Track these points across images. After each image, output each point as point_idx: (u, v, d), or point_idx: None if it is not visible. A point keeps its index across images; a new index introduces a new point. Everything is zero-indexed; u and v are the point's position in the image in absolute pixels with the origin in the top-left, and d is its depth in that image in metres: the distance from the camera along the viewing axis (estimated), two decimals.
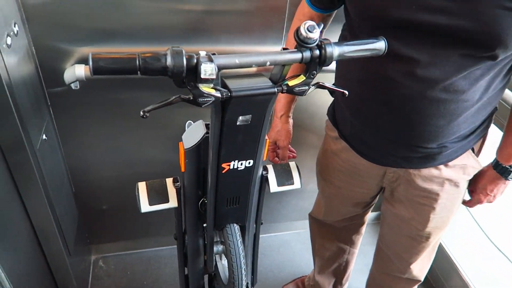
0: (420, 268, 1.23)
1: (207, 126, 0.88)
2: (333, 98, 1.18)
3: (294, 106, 1.18)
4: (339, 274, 1.55)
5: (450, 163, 1.00)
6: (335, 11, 1.04)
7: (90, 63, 0.55)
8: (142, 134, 1.44)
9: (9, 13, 1.00)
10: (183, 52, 0.59)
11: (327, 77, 1.20)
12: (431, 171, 1.01)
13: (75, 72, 1.18)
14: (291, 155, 1.24)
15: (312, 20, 1.01)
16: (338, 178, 1.19)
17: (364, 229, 1.44)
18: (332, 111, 1.16)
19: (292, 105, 1.16)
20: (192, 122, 0.98)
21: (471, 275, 1.63)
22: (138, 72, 0.57)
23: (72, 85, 1.22)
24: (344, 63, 1.02)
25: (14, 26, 1.03)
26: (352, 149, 1.09)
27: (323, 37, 1.08)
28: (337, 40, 0.92)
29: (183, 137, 0.92)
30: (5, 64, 0.94)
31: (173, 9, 1.20)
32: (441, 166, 1.01)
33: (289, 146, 1.22)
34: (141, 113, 0.62)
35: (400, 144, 0.97)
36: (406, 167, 1.03)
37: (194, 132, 0.89)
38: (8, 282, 0.99)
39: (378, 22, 0.84)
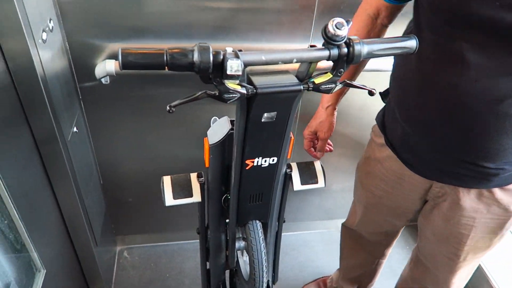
0: (458, 285, 1.17)
1: (232, 122, 0.89)
2: (384, 104, 1.12)
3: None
4: (364, 281, 1.51)
5: (505, 187, 0.92)
6: (406, 4, 0.96)
7: (120, 57, 0.56)
8: (168, 130, 1.46)
9: (45, 10, 1.04)
10: (210, 48, 0.60)
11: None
12: (482, 192, 0.94)
13: (106, 67, 1.23)
14: (327, 149, 1.19)
15: (379, 11, 0.97)
16: (379, 187, 1.13)
17: (395, 241, 1.38)
18: (382, 117, 1.09)
19: (340, 98, 1.12)
20: (217, 118, 0.99)
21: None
22: (166, 67, 0.58)
23: (103, 80, 1.27)
24: (401, 63, 0.96)
25: (50, 22, 1.06)
26: (398, 158, 1.02)
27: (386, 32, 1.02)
28: None
29: (208, 133, 0.93)
30: (40, 59, 0.97)
31: (203, 7, 1.22)
32: (495, 189, 0.92)
33: None
34: (168, 107, 0.63)
35: (455, 159, 0.89)
36: (456, 185, 0.95)
37: (219, 128, 0.90)
38: (42, 266, 1.04)
39: (452, 17, 0.75)
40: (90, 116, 1.36)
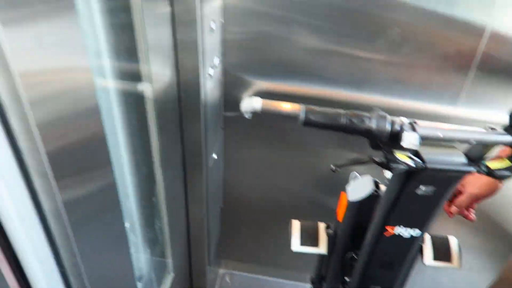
0: None
1: (375, 182, 0.87)
2: None
3: None
4: None
5: None
6: None
7: (303, 115, 0.60)
8: (299, 167, 1.49)
9: (214, 49, 1.17)
10: (388, 117, 0.60)
11: None
12: None
13: (252, 104, 1.31)
14: (468, 215, 1.02)
15: None
16: None
17: None
18: None
19: None
20: (357, 174, 0.99)
21: None
22: (342, 130, 0.60)
23: (246, 115, 1.37)
24: None
25: (216, 60, 1.19)
26: None
27: None
28: None
29: (347, 188, 0.93)
30: (205, 90, 1.09)
31: (351, 55, 1.24)
32: None
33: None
34: (332, 167, 0.65)
35: None
36: None
37: (360, 186, 0.89)
38: (173, 270, 1.14)
39: None
40: (227, 143, 1.47)
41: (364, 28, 1.20)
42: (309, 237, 0.98)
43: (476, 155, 0.67)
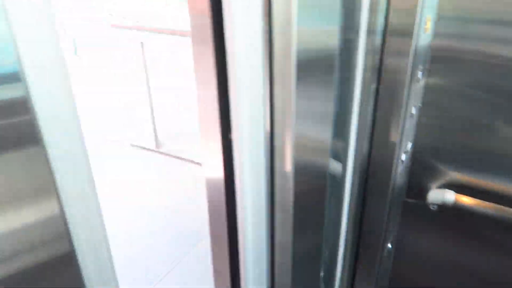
0: None
1: None
2: None
3: None
4: None
5: None
6: None
7: None
8: (497, 278, 1.24)
9: (409, 134, 1.11)
10: None
11: None
12: None
13: (444, 197, 1.18)
14: None
15: None
16: None
17: None
18: None
19: None
20: None
21: None
22: None
23: (432, 205, 1.23)
24: None
25: (409, 144, 1.12)
26: None
27: None
28: None
29: None
30: (395, 175, 1.03)
31: None
32: None
33: None
34: None
35: None
36: None
37: None
38: None
39: None
40: (402, 232, 1.33)
41: None
42: None
43: None
